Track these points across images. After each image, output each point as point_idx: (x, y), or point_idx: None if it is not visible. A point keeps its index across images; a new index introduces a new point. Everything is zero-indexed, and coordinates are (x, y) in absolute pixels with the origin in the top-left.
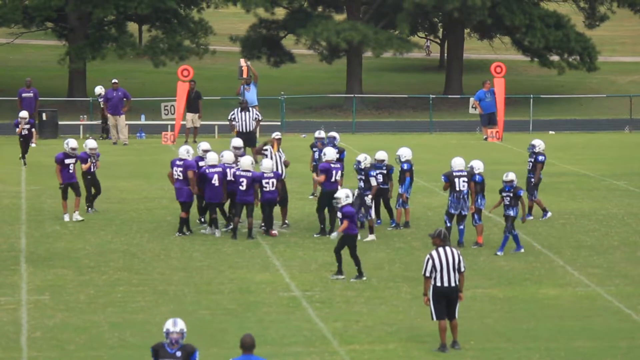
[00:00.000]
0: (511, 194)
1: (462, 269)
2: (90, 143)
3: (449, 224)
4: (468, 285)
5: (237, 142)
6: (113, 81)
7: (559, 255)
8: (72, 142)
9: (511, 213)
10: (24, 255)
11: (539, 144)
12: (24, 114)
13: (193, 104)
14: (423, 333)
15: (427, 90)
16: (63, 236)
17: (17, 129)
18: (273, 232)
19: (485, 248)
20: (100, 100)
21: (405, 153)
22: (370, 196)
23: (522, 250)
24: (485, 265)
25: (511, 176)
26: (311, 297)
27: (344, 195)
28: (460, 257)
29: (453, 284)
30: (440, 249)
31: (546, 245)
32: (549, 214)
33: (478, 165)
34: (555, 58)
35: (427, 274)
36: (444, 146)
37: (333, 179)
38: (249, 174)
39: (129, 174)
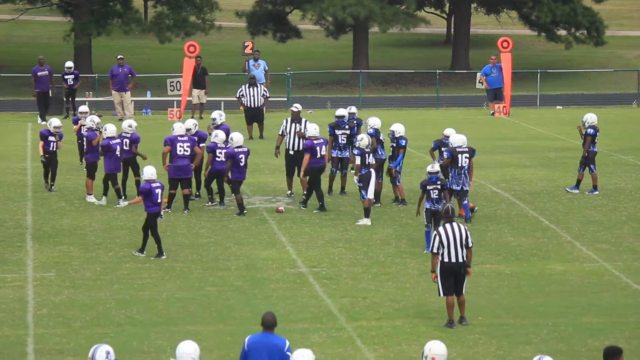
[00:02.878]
0: (439, 187)
1: (470, 245)
2: (55, 121)
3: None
4: (475, 260)
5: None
6: (118, 57)
7: (567, 230)
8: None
9: (439, 207)
10: (29, 232)
11: (588, 117)
12: (83, 108)
13: (199, 80)
14: (430, 309)
15: (434, 66)
16: (69, 213)
17: (75, 126)
18: (280, 208)
19: (493, 223)
20: (65, 76)
21: (399, 129)
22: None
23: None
24: (493, 241)
25: (437, 167)
26: (318, 274)
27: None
28: (468, 233)
29: (460, 260)
30: (447, 225)
31: (553, 220)
32: (592, 192)
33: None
34: (562, 32)
35: (435, 250)
36: (451, 121)
37: (319, 155)
38: (245, 149)
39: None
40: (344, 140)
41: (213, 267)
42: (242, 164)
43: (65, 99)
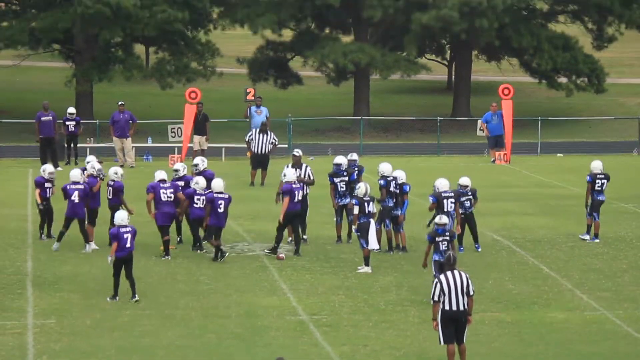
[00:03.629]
0: (448, 238)
1: (471, 293)
2: (48, 167)
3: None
4: (476, 308)
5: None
6: (119, 103)
7: (567, 278)
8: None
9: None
10: (30, 279)
11: (592, 165)
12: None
13: (200, 126)
14: (431, 357)
15: (435, 113)
16: (69, 260)
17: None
18: (280, 255)
19: (494, 271)
20: (67, 122)
21: (402, 175)
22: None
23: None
24: (494, 289)
25: (445, 219)
26: (318, 321)
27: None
28: (469, 281)
29: (462, 308)
30: (449, 272)
31: (554, 268)
32: (594, 239)
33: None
34: (563, 80)
35: (436, 298)
36: (452, 169)
37: (296, 199)
38: (226, 196)
39: (135, 196)
40: (343, 187)
41: (213, 314)
42: (220, 211)
43: (66, 146)
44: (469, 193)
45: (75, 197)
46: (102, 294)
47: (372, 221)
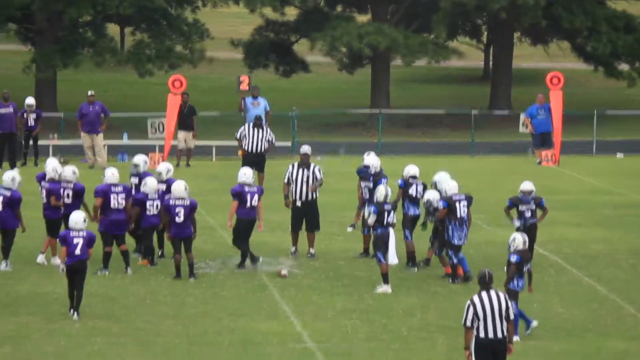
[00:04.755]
0: (528, 265)
1: (511, 317)
2: (54, 163)
3: (454, 260)
4: (517, 335)
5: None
6: (89, 94)
7: (629, 301)
8: (54, 164)
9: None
10: None
11: None
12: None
13: (186, 120)
14: None
15: (469, 105)
16: (28, 277)
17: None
18: (283, 272)
19: (538, 292)
20: (25, 115)
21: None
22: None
23: (533, 324)
24: (539, 313)
25: (519, 240)
26: (328, 350)
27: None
28: (509, 303)
29: (500, 335)
30: (484, 293)
31: (613, 289)
32: None
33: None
34: (624, 67)
35: (469, 324)
36: (488, 172)
37: (249, 205)
38: (187, 202)
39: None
40: (366, 195)
41: (201, 342)
42: (179, 220)
43: (24, 143)
44: (531, 201)
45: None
46: (68, 318)
47: (392, 232)
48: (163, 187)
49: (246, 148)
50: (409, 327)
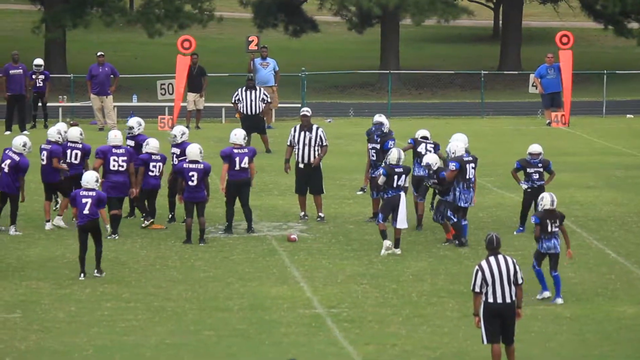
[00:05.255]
0: (557, 225)
1: (520, 281)
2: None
3: (454, 220)
4: (527, 300)
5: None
6: (98, 54)
7: (639, 265)
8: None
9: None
10: None
11: None
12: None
13: (195, 81)
14: (473, 359)
15: (479, 66)
16: (38, 241)
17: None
18: (292, 236)
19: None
20: (33, 76)
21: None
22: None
23: (545, 294)
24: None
25: (547, 200)
26: (338, 315)
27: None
28: (517, 267)
29: (508, 300)
30: (492, 258)
31: (623, 253)
32: None
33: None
34: (634, 25)
35: (477, 289)
36: (498, 133)
37: (237, 167)
38: (200, 166)
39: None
40: (373, 156)
41: (212, 307)
42: (193, 184)
43: (33, 105)
44: (539, 164)
45: (5, 166)
46: (78, 283)
47: (403, 196)
48: (177, 151)
49: (242, 111)
50: (419, 292)
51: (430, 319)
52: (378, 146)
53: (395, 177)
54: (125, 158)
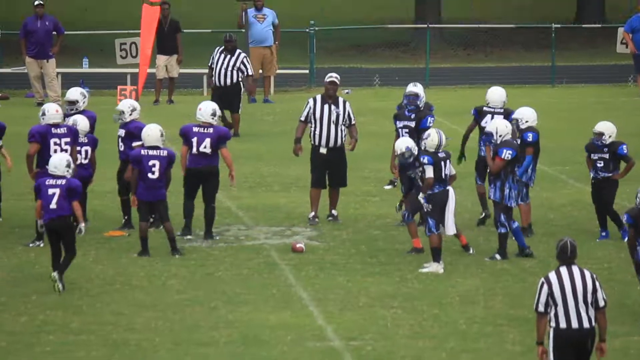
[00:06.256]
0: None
1: (601, 304)
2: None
3: (505, 229)
4: (613, 329)
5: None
6: (36, 3)
7: None
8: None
9: None
10: None
11: None
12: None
13: (167, 40)
14: None
15: (549, 17)
16: None
17: None
18: (298, 245)
19: (621, 272)
20: None
21: (528, 115)
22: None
23: None
24: (625, 295)
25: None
26: (360, 350)
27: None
28: (597, 284)
29: (586, 325)
30: (564, 270)
31: None
32: None
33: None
34: None
35: (542, 308)
36: (574, 107)
37: (196, 150)
38: (163, 153)
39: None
40: (405, 136)
41: (190, 340)
42: (154, 176)
43: None
44: (605, 147)
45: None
46: (10, 308)
47: (452, 191)
48: (124, 132)
49: (214, 80)
50: (469, 318)
51: (483, 354)
52: (412, 125)
53: (442, 164)
54: (69, 139)
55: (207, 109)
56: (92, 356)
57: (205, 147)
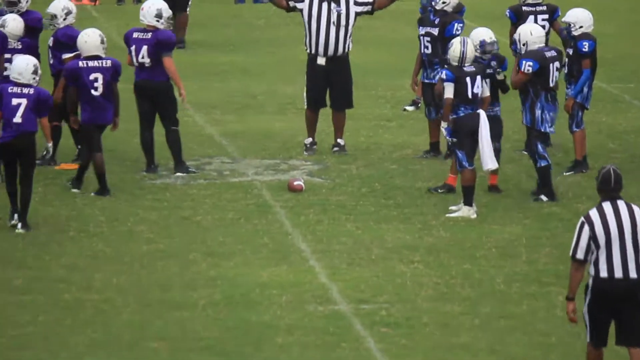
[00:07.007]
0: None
1: None
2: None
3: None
4: None
5: None
6: None
7: None
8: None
9: None
10: None
11: None
12: None
13: None
14: None
15: None
16: None
17: None
18: (296, 182)
19: None
20: None
21: (581, 18)
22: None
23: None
24: None
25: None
26: (372, 315)
27: None
28: None
29: (633, 275)
30: (607, 205)
31: None
32: None
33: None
34: None
35: (581, 255)
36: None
37: (135, 60)
38: (107, 64)
39: None
40: (427, 48)
41: (161, 301)
42: (97, 93)
43: None
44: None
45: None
46: None
47: (483, 114)
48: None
49: None
50: (508, 276)
51: (526, 321)
52: (436, 32)
53: (467, 80)
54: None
55: (150, 9)
56: (40, 321)
57: (142, 57)
